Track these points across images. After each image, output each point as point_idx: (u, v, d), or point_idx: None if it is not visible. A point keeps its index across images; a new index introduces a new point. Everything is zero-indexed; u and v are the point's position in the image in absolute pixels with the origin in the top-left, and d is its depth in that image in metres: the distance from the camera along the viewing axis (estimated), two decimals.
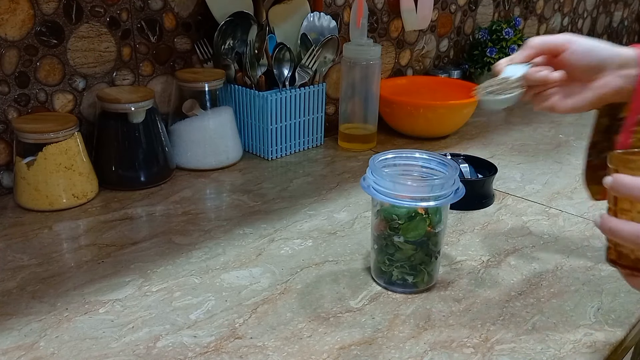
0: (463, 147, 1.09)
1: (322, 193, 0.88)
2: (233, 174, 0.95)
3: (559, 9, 1.79)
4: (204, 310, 0.60)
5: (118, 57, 0.90)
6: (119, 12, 0.88)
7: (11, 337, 0.55)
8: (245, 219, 0.79)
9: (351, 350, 0.54)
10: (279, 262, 0.69)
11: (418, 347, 0.55)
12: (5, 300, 0.61)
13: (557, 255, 0.73)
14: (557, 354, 0.55)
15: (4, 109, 0.81)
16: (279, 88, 1.00)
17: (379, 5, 1.22)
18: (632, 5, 2.20)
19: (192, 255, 0.70)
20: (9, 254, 0.69)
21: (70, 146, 0.79)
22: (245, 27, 0.97)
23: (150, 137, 0.87)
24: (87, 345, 0.54)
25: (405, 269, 0.63)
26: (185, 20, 0.96)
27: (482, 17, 1.51)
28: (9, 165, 0.84)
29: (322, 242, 0.74)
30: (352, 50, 1.01)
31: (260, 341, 0.56)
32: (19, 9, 0.79)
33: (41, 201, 0.79)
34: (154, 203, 0.83)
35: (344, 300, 0.62)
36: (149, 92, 0.87)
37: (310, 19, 1.03)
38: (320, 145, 1.09)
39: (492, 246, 0.74)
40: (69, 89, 0.86)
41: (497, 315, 0.60)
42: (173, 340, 0.55)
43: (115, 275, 0.65)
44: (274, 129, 0.99)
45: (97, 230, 0.75)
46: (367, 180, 0.61)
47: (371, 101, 1.05)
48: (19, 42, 0.80)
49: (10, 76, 0.81)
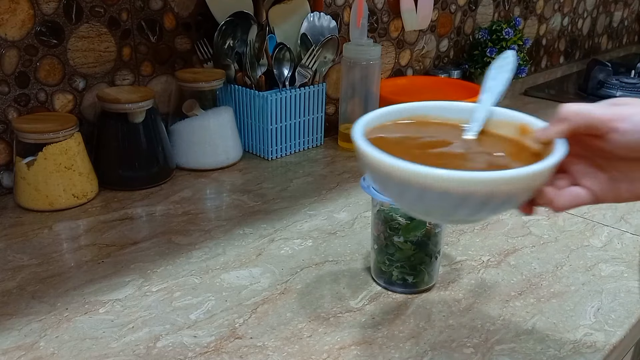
0: None
1: (322, 193, 0.88)
2: (233, 174, 0.95)
3: (559, 9, 1.79)
4: (204, 310, 0.60)
5: (118, 57, 0.90)
6: (119, 12, 0.88)
7: (11, 337, 0.55)
8: (245, 219, 0.79)
9: (351, 350, 0.55)
10: (279, 262, 0.69)
11: (418, 347, 0.55)
12: (5, 300, 0.61)
13: (557, 255, 0.73)
14: (557, 354, 0.55)
15: (4, 109, 0.81)
16: (279, 88, 1.00)
17: (379, 5, 1.22)
18: (632, 5, 2.20)
19: (192, 255, 0.70)
20: (9, 254, 0.69)
21: (70, 146, 0.79)
22: (245, 27, 0.97)
23: (150, 137, 0.87)
24: (87, 345, 0.54)
25: (405, 269, 0.63)
26: (185, 20, 0.96)
27: (482, 17, 1.51)
28: (9, 165, 0.84)
29: (322, 242, 0.74)
30: (352, 50, 1.01)
31: (260, 341, 0.56)
32: (19, 9, 0.79)
33: (41, 201, 0.79)
34: (154, 203, 0.83)
35: (344, 300, 0.62)
36: (149, 92, 0.87)
37: (310, 19, 1.03)
38: (320, 145, 1.09)
39: (492, 246, 0.74)
40: (69, 89, 0.86)
41: (497, 315, 0.60)
42: (173, 340, 0.55)
43: (115, 275, 0.65)
44: (274, 129, 0.99)
45: (97, 230, 0.75)
46: (367, 180, 0.61)
47: (371, 101, 1.05)
48: (19, 42, 0.80)
49: (10, 76, 0.81)
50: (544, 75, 1.74)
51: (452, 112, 0.52)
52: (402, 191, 0.42)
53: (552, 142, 0.45)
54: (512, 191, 0.41)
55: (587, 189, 0.45)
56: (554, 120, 0.45)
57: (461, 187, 0.40)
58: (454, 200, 0.41)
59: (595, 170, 0.46)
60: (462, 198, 0.40)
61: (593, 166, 0.46)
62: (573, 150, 0.45)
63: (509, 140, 0.50)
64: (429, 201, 0.42)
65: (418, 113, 0.52)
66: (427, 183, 0.40)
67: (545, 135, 0.46)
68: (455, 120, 0.52)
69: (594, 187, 0.45)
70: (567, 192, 0.45)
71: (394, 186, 0.43)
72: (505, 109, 0.51)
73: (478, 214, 0.43)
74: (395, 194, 0.44)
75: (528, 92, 1.50)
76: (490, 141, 0.50)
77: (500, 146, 0.49)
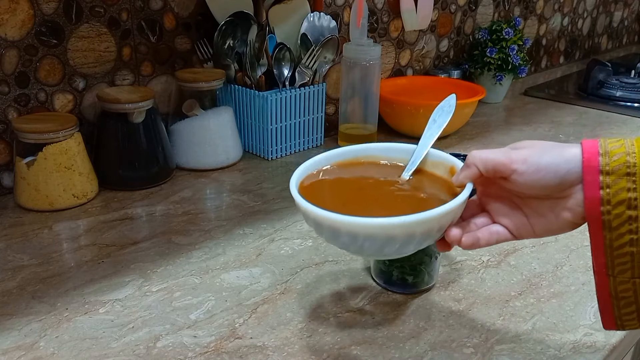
0: (463, 147, 1.09)
1: None
2: (233, 174, 0.95)
3: (559, 9, 1.79)
4: (204, 310, 0.60)
5: (118, 57, 0.90)
6: (119, 12, 0.88)
7: (11, 337, 0.55)
8: (245, 219, 0.79)
9: (351, 350, 0.55)
10: (279, 262, 0.69)
11: (418, 347, 0.55)
12: (5, 300, 0.61)
13: (557, 255, 0.73)
14: (557, 354, 0.55)
15: (4, 109, 0.81)
16: (279, 88, 1.00)
17: (379, 5, 1.22)
18: (632, 5, 2.20)
19: (192, 255, 0.70)
20: (9, 254, 0.69)
21: (70, 146, 0.79)
22: (245, 27, 0.97)
23: (150, 137, 0.87)
24: (87, 345, 0.54)
25: (405, 269, 0.63)
26: (185, 20, 0.96)
27: (482, 17, 1.51)
28: (9, 165, 0.84)
29: (322, 242, 0.74)
30: (352, 50, 1.01)
31: (260, 341, 0.56)
32: (19, 9, 0.79)
33: (41, 201, 0.79)
34: (154, 203, 0.83)
35: (344, 300, 0.62)
36: (149, 92, 0.87)
37: (310, 19, 1.03)
38: (320, 145, 1.09)
39: (492, 246, 0.74)
40: (69, 89, 0.86)
41: (497, 315, 0.60)
42: (173, 340, 0.55)
43: (115, 275, 0.65)
44: (274, 129, 0.99)
45: (97, 230, 0.75)
46: None
47: (371, 101, 1.05)
48: (19, 42, 0.80)
49: (10, 76, 0.81)
50: (544, 75, 1.74)
51: (394, 152, 0.58)
52: (334, 236, 0.48)
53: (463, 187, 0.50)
54: (426, 230, 0.47)
55: (504, 227, 0.50)
56: (463, 167, 0.50)
57: (383, 231, 0.46)
58: (380, 241, 0.47)
59: (511, 209, 0.50)
60: (386, 239, 0.46)
61: (509, 205, 0.50)
62: (491, 191, 0.51)
63: (441, 180, 0.55)
64: (359, 242, 0.47)
65: (365, 154, 0.58)
66: (354, 230, 0.46)
67: (456, 181, 0.51)
68: (397, 160, 0.58)
69: (509, 225, 0.50)
70: (485, 230, 0.50)
71: (326, 232, 0.48)
72: (439, 151, 0.56)
73: (404, 250, 0.49)
74: (329, 238, 0.49)
75: (528, 92, 1.50)
76: (424, 180, 0.55)
77: (432, 185, 0.55)
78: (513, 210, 0.50)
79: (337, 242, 0.49)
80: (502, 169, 0.47)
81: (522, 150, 0.47)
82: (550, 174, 0.45)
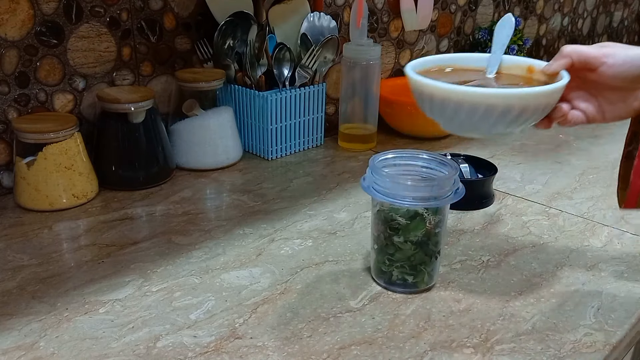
0: (463, 147, 1.09)
1: (322, 193, 0.88)
2: (233, 174, 0.95)
3: (559, 9, 1.79)
4: (204, 310, 0.60)
5: (118, 57, 0.90)
6: (119, 12, 0.88)
7: (11, 337, 0.55)
8: (245, 219, 0.79)
9: (351, 350, 0.55)
10: (279, 262, 0.69)
11: (418, 347, 0.55)
12: (5, 300, 0.61)
13: (557, 255, 0.73)
14: (557, 354, 0.55)
15: (4, 109, 0.81)
16: (279, 88, 1.00)
17: (379, 5, 1.22)
18: (632, 5, 2.20)
19: (192, 255, 0.70)
20: (9, 254, 0.69)
21: (70, 146, 0.79)
22: (245, 27, 0.97)
23: (150, 137, 0.87)
24: (87, 345, 0.54)
25: (405, 269, 0.63)
26: (185, 20, 0.96)
27: (482, 17, 1.51)
28: (9, 165, 0.84)
29: (322, 242, 0.74)
30: (352, 50, 1.01)
31: (260, 341, 0.56)
32: (19, 9, 0.79)
33: (41, 201, 0.79)
34: (154, 203, 0.83)
35: (344, 300, 0.62)
36: (149, 92, 0.87)
37: (310, 19, 1.03)
38: (320, 145, 1.09)
39: (492, 246, 0.74)
40: (69, 89, 0.86)
41: (497, 315, 0.60)
42: (173, 340, 0.55)
43: (115, 275, 0.65)
44: (274, 129, 0.99)
45: (97, 230, 0.75)
46: (367, 180, 0.61)
47: (371, 101, 1.05)
48: (19, 42, 0.80)
49: (10, 76, 0.81)
50: None
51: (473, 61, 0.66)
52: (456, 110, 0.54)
53: (556, 75, 0.59)
54: (540, 104, 0.54)
55: (582, 112, 0.60)
56: (558, 57, 0.59)
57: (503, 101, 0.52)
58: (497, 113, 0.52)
59: (588, 97, 0.60)
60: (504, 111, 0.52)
61: (587, 94, 0.60)
62: (572, 83, 0.58)
63: (520, 77, 0.64)
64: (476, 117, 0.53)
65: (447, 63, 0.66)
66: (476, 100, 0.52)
67: (552, 68, 0.59)
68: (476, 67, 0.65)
69: (587, 110, 0.60)
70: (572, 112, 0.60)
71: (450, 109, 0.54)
72: (509, 56, 0.65)
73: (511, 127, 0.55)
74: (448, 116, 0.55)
75: None
76: (506, 78, 0.64)
77: (515, 80, 0.63)
78: (591, 98, 0.60)
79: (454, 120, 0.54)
80: (593, 61, 0.57)
81: (611, 47, 0.57)
82: (634, 67, 0.55)
